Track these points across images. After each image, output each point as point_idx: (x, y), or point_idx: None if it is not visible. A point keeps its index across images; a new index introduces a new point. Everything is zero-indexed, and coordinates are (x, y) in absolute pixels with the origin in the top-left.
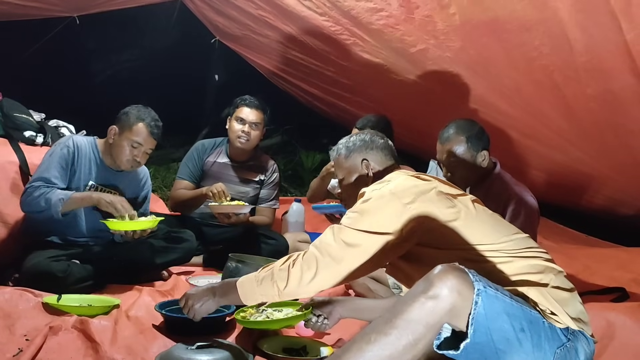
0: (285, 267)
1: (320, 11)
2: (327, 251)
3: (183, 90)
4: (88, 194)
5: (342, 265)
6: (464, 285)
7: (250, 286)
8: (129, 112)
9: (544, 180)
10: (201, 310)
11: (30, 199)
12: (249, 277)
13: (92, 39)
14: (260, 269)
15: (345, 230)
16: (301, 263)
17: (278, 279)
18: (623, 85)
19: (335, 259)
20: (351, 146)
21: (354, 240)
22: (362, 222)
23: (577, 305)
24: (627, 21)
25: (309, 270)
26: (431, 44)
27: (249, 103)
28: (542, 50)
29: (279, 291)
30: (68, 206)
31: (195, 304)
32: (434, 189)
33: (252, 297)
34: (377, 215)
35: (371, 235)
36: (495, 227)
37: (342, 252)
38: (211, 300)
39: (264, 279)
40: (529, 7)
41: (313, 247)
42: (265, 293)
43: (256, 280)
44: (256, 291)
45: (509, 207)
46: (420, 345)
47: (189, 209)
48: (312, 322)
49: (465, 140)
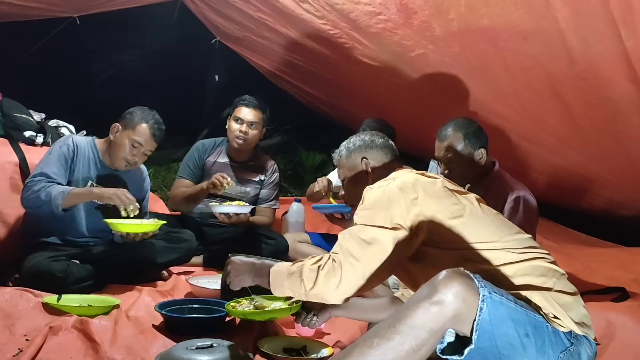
0: (315, 268)
1: (319, 14)
2: (349, 252)
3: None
4: (89, 189)
5: (364, 264)
6: (468, 292)
7: (281, 277)
8: (134, 112)
9: (544, 182)
10: (236, 280)
11: (30, 193)
12: (282, 265)
13: (92, 39)
14: (293, 262)
15: (362, 228)
16: (330, 267)
17: (306, 279)
18: (621, 92)
19: (358, 259)
20: (351, 146)
21: (373, 236)
22: (376, 218)
23: (580, 309)
24: (627, 29)
25: (336, 275)
26: (430, 49)
27: (247, 103)
28: (539, 59)
29: (305, 291)
30: (69, 200)
31: (233, 273)
32: (439, 184)
33: (280, 288)
34: (388, 211)
35: (387, 230)
36: (499, 226)
37: (363, 251)
38: (247, 275)
39: (294, 274)
40: (525, 17)
41: (336, 251)
42: (292, 288)
43: (287, 272)
44: (285, 284)
45: (507, 205)
46: (423, 351)
47: (190, 206)
48: (302, 318)
49: (463, 138)
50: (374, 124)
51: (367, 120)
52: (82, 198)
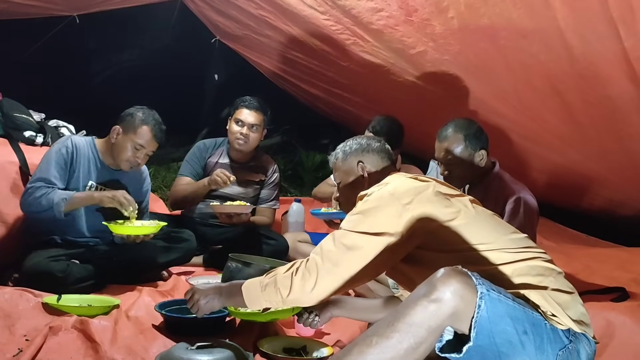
0: (288, 275)
1: (322, 9)
2: (328, 257)
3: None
4: (90, 193)
5: (342, 269)
6: (466, 289)
7: (255, 291)
8: (134, 113)
9: (544, 182)
10: (205, 307)
11: (32, 199)
12: (254, 281)
13: (92, 39)
14: (265, 274)
15: (345, 234)
16: (303, 270)
17: (281, 286)
18: (621, 91)
19: (335, 264)
20: (347, 150)
21: (354, 242)
22: (362, 224)
23: (578, 308)
24: (626, 28)
25: (311, 278)
26: (430, 46)
27: (248, 104)
28: (539, 57)
29: (282, 298)
30: (70, 206)
31: (201, 300)
32: (431, 189)
33: (256, 302)
34: (376, 217)
35: (371, 236)
36: (494, 226)
37: (342, 256)
38: (217, 300)
39: (268, 285)
40: (525, 16)
41: (314, 254)
42: (269, 299)
43: (260, 285)
44: (260, 296)
45: (507, 205)
46: (421, 349)
47: (190, 203)
48: (304, 318)
49: (464, 139)
50: (384, 122)
51: (377, 118)
52: (83, 203)
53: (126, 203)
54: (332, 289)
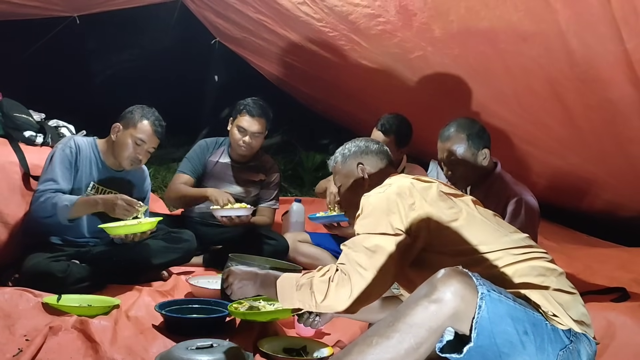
0: (325, 280)
1: (318, 17)
2: (356, 262)
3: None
4: (93, 199)
5: (372, 272)
6: (467, 290)
7: (290, 289)
8: (134, 110)
9: (544, 184)
10: (239, 291)
11: (38, 204)
12: (290, 277)
13: (92, 39)
14: (302, 274)
15: (365, 237)
16: (340, 277)
17: (317, 291)
18: (621, 94)
19: (365, 268)
20: (347, 153)
21: (376, 244)
22: (379, 226)
23: (579, 308)
24: (629, 29)
25: (345, 285)
26: (429, 50)
27: (251, 110)
28: (539, 61)
29: (316, 303)
30: (74, 212)
31: (236, 283)
32: (435, 189)
33: (289, 300)
34: (389, 217)
35: (389, 237)
36: (496, 227)
37: (369, 260)
38: (251, 286)
39: (304, 286)
40: (525, 19)
41: (343, 263)
42: (302, 300)
43: (296, 284)
44: (294, 296)
45: (509, 206)
46: (422, 349)
47: (186, 205)
48: (304, 318)
49: (466, 139)
50: (393, 120)
51: (386, 116)
52: (87, 210)
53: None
54: (367, 295)
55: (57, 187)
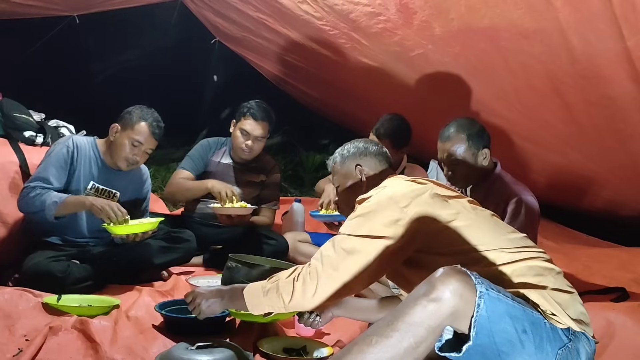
0: (290, 280)
1: (318, 15)
2: (328, 262)
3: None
4: (82, 199)
5: (342, 273)
6: (466, 288)
7: (257, 296)
8: (132, 111)
9: (544, 183)
10: (207, 310)
11: (26, 199)
12: (256, 286)
13: (92, 39)
14: (267, 279)
15: (344, 238)
16: (305, 276)
17: (283, 292)
18: (622, 91)
19: (335, 269)
20: (345, 154)
21: (353, 247)
22: (361, 228)
23: (577, 307)
24: (629, 27)
25: (312, 283)
26: (429, 49)
27: (255, 114)
28: (540, 57)
29: (284, 304)
30: (61, 210)
31: (203, 303)
32: (429, 191)
33: (258, 307)
34: (375, 221)
35: (370, 240)
36: (493, 227)
37: (342, 261)
38: (218, 303)
39: (270, 290)
40: (526, 16)
41: (315, 260)
42: (271, 304)
43: (263, 290)
44: (262, 301)
45: (509, 207)
46: (421, 348)
47: (185, 199)
48: (305, 318)
49: (466, 139)
50: (388, 123)
51: (382, 118)
52: (75, 209)
53: (114, 217)
54: (332, 294)
55: (46, 185)
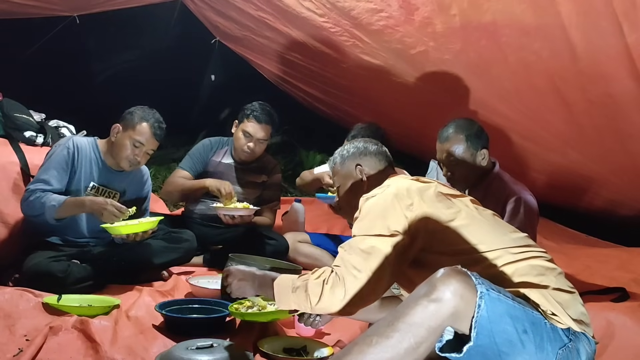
0: (319, 282)
1: (320, 12)
2: (351, 264)
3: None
4: (81, 200)
5: (367, 274)
6: (466, 289)
7: (286, 290)
8: (134, 112)
9: (543, 182)
10: (237, 291)
11: (27, 203)
12: (286, 280)
13: (92, 39)
14: (298, 276)
15: (361, 239)
16: (334, 279)
17: (311, 293)
18: (623, 90)
19: (359, 270)
20: (345, 154)
21: (372, 246)
22: (375, 227)
23: (578, 307)
24: (629, 24)
25: (340, 287)
26: (431, 46)
27: (258, 117)
28: (541, 54)
29: (311, 305)
30: (61, 212)
31: (235, 283)
32: (433, 189)
33: (285, 302)
34: (385, 219)
35: (386, 238)
36: (495, 226)
37: (364, 262)
38: (249, 287)
39: (299, 288)
40: (528, 12)
41: (337, 264)
42: (298, 302)
43: (292, 286)
44: (290, 298)
45: (508, 206)
46: (422, 349)
47: (184, 198)
48: (305, 318)
49: (465, 139)
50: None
51: (358, 126)
52: (74, 210)
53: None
54: (361, 297)
55: (47, 187)
